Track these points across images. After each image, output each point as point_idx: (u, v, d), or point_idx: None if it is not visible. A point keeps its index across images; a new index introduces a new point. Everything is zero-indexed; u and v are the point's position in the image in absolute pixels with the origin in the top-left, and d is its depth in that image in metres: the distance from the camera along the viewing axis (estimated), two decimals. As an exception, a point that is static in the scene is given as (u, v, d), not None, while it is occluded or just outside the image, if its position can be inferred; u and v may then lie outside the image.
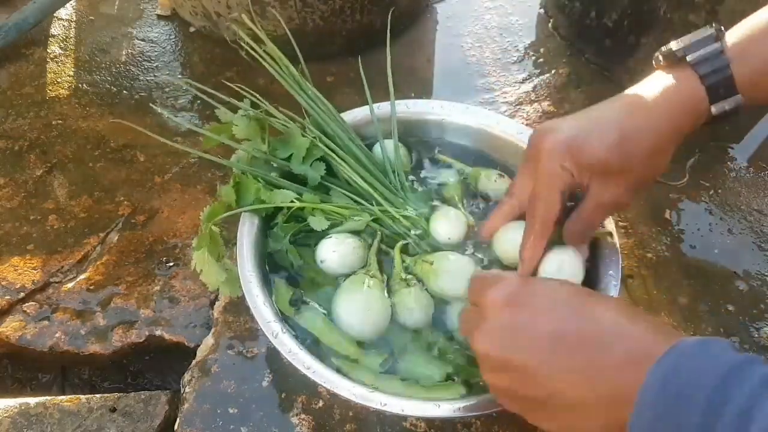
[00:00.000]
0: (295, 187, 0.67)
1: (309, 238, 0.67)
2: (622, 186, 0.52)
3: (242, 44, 0.72)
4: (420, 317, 0.61)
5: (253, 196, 0.66)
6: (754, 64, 0.50)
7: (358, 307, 0.60)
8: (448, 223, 0.65)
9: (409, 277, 0.63)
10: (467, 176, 0.73)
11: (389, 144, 0.73)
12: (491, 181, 0.71)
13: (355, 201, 0.67)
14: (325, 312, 0.63)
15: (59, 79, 1.08)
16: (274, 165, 0.69)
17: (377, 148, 0.73)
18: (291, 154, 0.68)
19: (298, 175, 0.68)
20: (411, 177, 0.73)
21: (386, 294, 0.62)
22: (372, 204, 0.67)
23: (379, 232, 0.66)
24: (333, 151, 0.68)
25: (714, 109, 0.51)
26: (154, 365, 0.80)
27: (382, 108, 0.77)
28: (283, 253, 0.66)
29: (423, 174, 0.74)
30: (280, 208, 0.66)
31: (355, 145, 0.70)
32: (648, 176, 0.54)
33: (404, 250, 0.66)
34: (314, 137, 0.68)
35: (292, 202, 0.65)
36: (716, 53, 0.50)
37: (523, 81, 1.07)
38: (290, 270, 0.66)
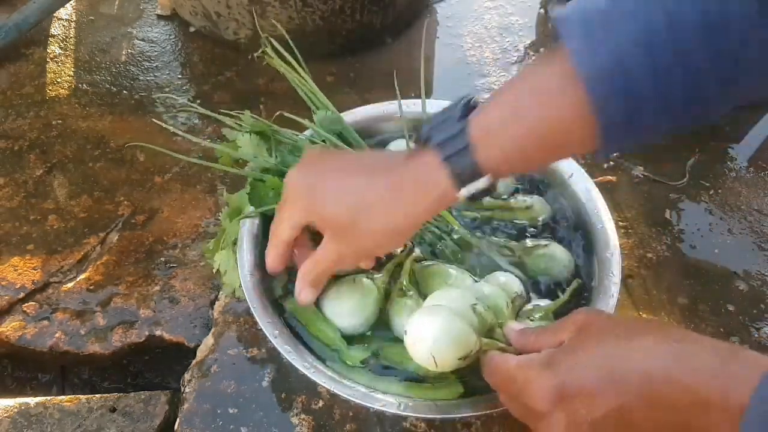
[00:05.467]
0: None
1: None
2: (345, 247, 0.53)
3: (265, 50, 0.73)
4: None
5: (271, 196, 0.66)
6: (496, 155, 0.46)
7: (339, 296, 0.61)
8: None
9: (407, 286, 0.63)
10: None
11: (399, 144, 0.74)
12: None
13: None
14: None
15: (59, 79, 1.08)
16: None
17: (392, 147, 0.74)
18: None
19: None
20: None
21: (377, 295, 0.62)
22: None
23: (408, 243, 0.66)
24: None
25: (463, 193, 0.48)
26: (154, 365, 0.80)
27: (385, 108, 0.77)
28: None
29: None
30: None
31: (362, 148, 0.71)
32: (378, 249, 0.56)
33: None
34: (322, 140, 0.69)
35: None
36: (462, 144, 0.46)
37: (523, 81, 1.07)
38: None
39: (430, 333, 0.51)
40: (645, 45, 0.40)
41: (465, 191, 0.48)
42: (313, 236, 0.59)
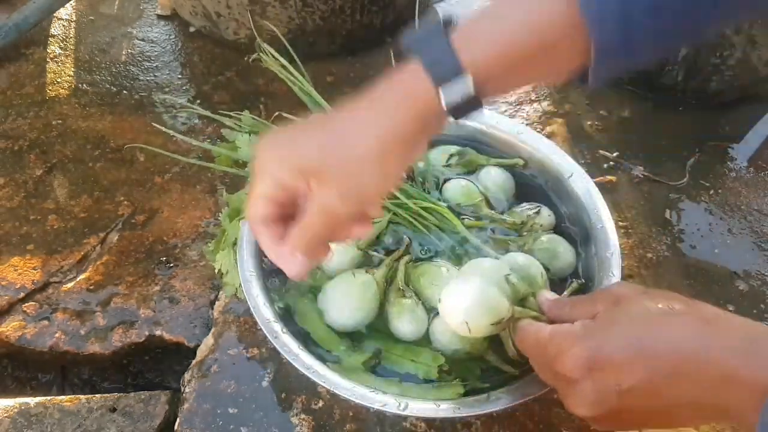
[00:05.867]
0: None
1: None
2: (335, 192, 0.45)
3: (260, 54, 0.73)
4: (410, 329, 0.61)
5: None
6: (479, 60, 0.43)
7: (338, 293, 0.61)
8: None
9: (406, 287, 0.63)
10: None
11: None
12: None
13: None
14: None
15: (59, 79, 1.08)
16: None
17: None
18: None
19: None
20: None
21: (376, 289, 0.62)
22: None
23: (406, 240, 0.66)
24: None
25: (445, 105, 0.44)
26: (154, 365, 0.80)
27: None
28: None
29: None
30: None
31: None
32: (372, 182, 0.46)
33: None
34: None
35: None
36: (444, 46, 0.43)
37: (523, 81, 1.07)
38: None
39: (464, 300, 0.52)
40: None
41: (450, 99, 0.43)
42: None
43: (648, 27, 0.41)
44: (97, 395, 0.70)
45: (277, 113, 0.74)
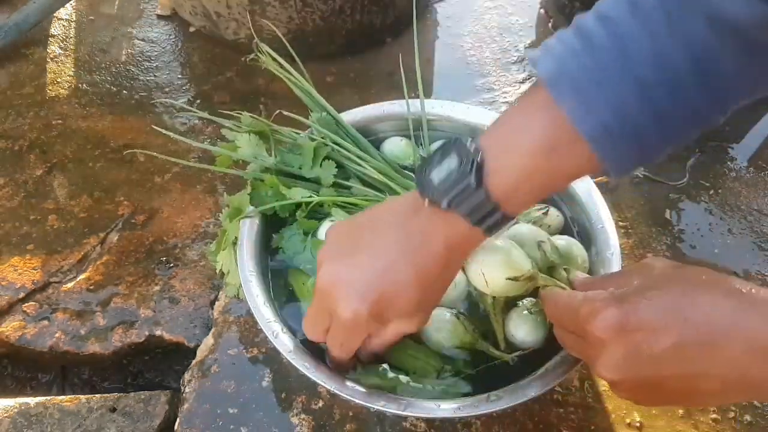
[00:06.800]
0: (312, 187, 0.68)
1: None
2: (416, 322, 0.52)
3: (258, 55, 0.73)
4: None
5: (271, 195, 0.66)
6: (517, 209, 0.46)
7: None
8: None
9: None
10: None
11: (394, 142, 0.75)
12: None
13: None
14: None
15: (59, 79, 1.08)
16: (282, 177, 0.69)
17: (387, 145, 0.75)
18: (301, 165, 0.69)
19: (310, 179, 0.68)
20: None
21: None
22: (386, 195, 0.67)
23: None
24: (340, 146, 0.69)
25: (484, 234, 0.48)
26: (154, 365, 0.80)
27: (385, 108, 0.77)
28: (291, 258, 0.66)
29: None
30: (294, 211, 0.67)
31: (362, 145, 0.71)
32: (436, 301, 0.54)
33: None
34: (322, 137, 0.69)
35: (310, 196, 0.65)
36: (481, 200, 0.45)
37: (523, 81, 1.07)
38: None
39: (481, 252, 0.55)
40: (642, 96, 0.40)
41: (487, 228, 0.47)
42: None
43: (655, 144, 0.43)
44: (97, 395, 0.70)
45: (277, 112, 0.74)
